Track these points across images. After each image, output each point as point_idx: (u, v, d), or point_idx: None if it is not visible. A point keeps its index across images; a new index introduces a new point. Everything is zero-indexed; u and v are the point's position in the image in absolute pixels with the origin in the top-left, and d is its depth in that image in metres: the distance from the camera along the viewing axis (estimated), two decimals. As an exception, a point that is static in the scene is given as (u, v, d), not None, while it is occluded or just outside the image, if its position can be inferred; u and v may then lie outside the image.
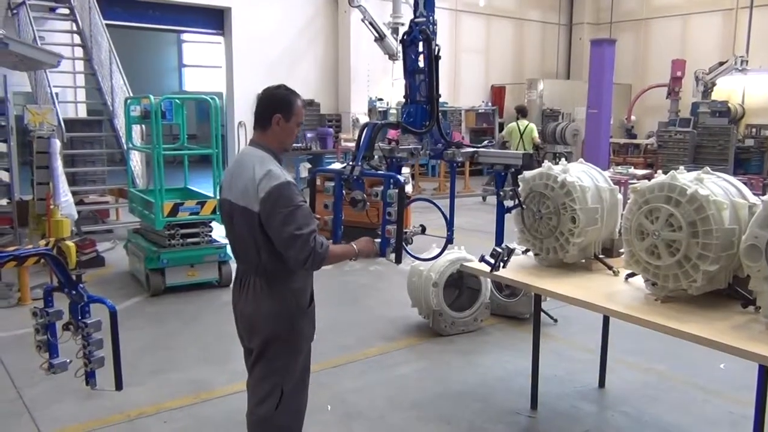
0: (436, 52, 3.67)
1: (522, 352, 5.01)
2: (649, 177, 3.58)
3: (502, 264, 3.72)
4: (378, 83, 16.16)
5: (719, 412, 4.28)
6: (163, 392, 4.46)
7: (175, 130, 8.83)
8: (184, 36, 23.06)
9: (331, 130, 15.86)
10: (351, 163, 3.52)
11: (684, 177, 3.28)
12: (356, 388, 4.52)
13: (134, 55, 19.31)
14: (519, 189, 4.02)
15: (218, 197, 3.10)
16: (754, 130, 16.77)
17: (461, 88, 18.68)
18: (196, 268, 6.79)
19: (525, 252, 4.42)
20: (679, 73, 16.35)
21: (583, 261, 4.08)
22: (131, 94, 9.61)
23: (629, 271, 3.65)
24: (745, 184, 3.59)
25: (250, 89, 15.07)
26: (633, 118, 18.47)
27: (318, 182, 8.70)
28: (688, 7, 18.43)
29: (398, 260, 3.37)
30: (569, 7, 20.98)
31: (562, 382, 4.68)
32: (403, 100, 3.96)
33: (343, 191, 3.49)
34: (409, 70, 3.75)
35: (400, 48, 14.39)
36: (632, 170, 10.65)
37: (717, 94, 16.15)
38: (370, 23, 13.72)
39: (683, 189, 3.18)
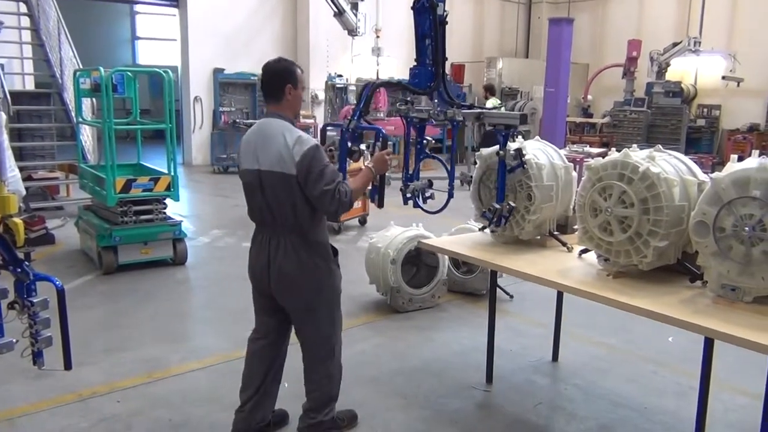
0: (443, 18, 3.85)
1: (478, 327, 5.08)
2: (603, 155, 3.63)
3: (504, 220, 3.86)
4: (337, 59, 16.00)
5: (667, 384, 4.42)
6: (116, 371, 4.38)
7: (128, 104, 8.60)
8: (137, 7, 22.40)
9: (289, 106, 15.64)
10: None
11: (636, 155, 3.33)
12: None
13: (85, 27, 18.69)
14: (476, 165, 4.10)
15: (239, 169, 3.49)
16: (705, 110, 17.21)
17: (421, 65, 18.60)
18: (149, 246, 6.66)
19: (481, 229, 4.46)
20: (634, 54, 16.60)
21: (539, 238, 4.13)
22: (81, 67, 9.30)
23: (583, 247, 3.72)
24: (695, 162, 3.67)
25: (206, 63, 14.77)
26: (589, 97, 18.73)
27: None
28: (645, -13, 18.67)
29: (380, 204, 3.80)
30: (529, -15, 21.05)
31: (517, 356, 4.77)
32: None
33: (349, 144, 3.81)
34: (419, 35, 3.92)
35: (359, 24, 14.30)
36: (588, 149, 10.81)
37: (671, 75, 16.49)
38: (329, -3, 13.52)
39: (635, 166, 3.24)
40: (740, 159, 3.06)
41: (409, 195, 4.06)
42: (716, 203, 2.94)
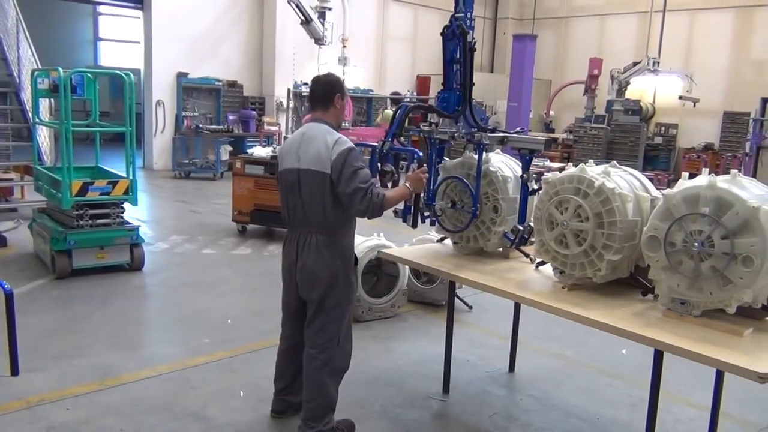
0: (472, 45, 3.98)
1: (437, 338, 5.09)
2: (562, 170, 3.72)
3: (524, 240, 3.93)
4: (304, 67, 15.97)
5: (620, 395, 4.50)
6: (66, 378, 4.27)
7: (87, 106, 8.44)
8: (101, 8, 22.08)
9: (254, 112, 15.58)
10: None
11: (592, 170, 3.41)
12: (271, 373, 4.42)
13: (46, 26, 18.34)
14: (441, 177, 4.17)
15: (278, 169, 3.62)
16: (663, 128, 17.68)
17: (387, 76, 18.73)
18: (106, 251, 6.53)
19: (439, 240, 4.49)
20: (596, 71, 16.97)
21: (501, 249, 4.18)
22: (40, 66, 9.10)
23: (540, 260, 3.77)
24: (652, 180, 3.76)
25: (169, 67, 14.59)
26: (552, 112, 19.06)
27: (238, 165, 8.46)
28: (606, 7, 19.13)
29: (414, 225, 3.91)
30: (494, 1, 21.35)
31: (474, 366, 4.80)
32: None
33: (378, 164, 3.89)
34: (448, 60, 4.03)
35: (326, 33, 14.32)
36: (548, 163, 11.00)
37: (630, 93, 16.90)
38: (297, 6, 13.53)
39: (591, 181, 3.31)
40: (692, 176, 3.15)
41: (427, 214, 4.11)
42: (667, 219, 3.01)
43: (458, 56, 4.00)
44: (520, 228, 3.91)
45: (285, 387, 3.82)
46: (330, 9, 14.34)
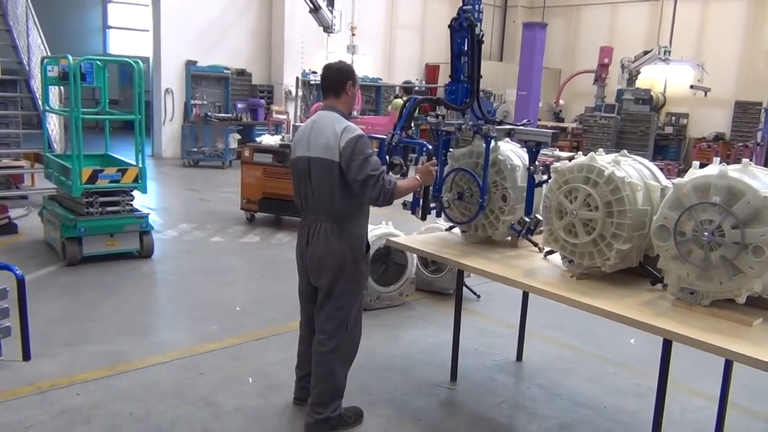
0: (480, 37, 3.98)
1: (445, 326, 5.10)
2: (571, 159, 3.72)
3: (531, 232, 3.94)
4: (312, 56, 15.93)
5: (627, 385, 4.50)
6: (77, 364, 4.30)
7: (97, 93, 8.47)
8: (110, -4, 22.12)
9: (262, 101, 15.58)
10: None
11: (602, 159, 3.39)
12: (279, 360, 4.50)
13: (55, 14, 18.38)
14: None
15: (291, 158, 3.65)
16: (673, 118, 17.55)
17: (396, 64, 18.65)
18: (116, 238, 6.57)
19: (448, 229, 4.49)
20: (606, 60, 16.85)
21: (509, 238, 4.18)
22: (50, 54, 9.12)
23: (548, 249, 3.77)
24: (662, 170, 3.74)
25: (178, 55, 14.60)
26: (561, 102, 18.94)
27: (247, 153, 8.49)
28: (618, -5, 18.98)
29: (423, 217, 3.91)
30: (504, -11, 21.23)
31: (482, 355, 4.81)
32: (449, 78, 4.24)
33: (386, 157, 3.88)
34: (455, 53, 4.04)
35: (335, 21, 14.27)
36: (557, 152, 10.94)
37: (641, 83, 16.77)
38: (306, -7, 13.45)
39: (601, 170, 3.29)
40: (703, 166, 3.12)
41: (434, 205, 4.12)
42: (678, 208, 3.00)
43: (466, 49, 3.99)
44: (527, 220, 3.90)
45: (305, 374, 3.79)
46: (339, -4, 14.26)
